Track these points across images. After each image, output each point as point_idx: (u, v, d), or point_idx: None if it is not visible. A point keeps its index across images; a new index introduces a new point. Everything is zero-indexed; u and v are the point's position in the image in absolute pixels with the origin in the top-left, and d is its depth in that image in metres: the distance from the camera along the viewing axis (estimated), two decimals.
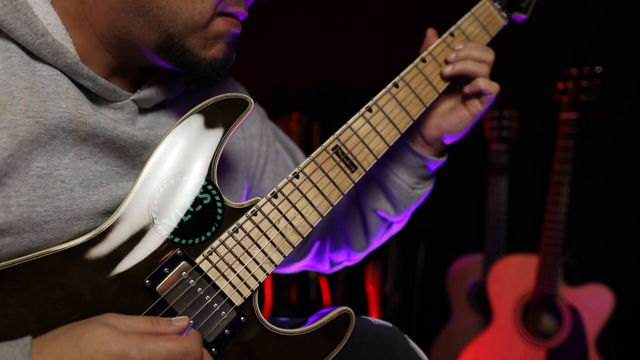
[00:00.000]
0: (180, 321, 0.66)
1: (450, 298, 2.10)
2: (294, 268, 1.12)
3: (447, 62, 0.93)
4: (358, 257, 1.11)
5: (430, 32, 0.97)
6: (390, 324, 0.86)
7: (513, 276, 1.88)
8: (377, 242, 1.10)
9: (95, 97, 0.76)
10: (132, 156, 0.78)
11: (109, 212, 0.74)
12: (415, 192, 1.02)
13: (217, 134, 0.77)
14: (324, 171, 0.81)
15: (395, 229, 1.09)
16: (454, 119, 0.96)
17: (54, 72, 0.71)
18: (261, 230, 0.76)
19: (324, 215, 0.80)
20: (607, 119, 1.96)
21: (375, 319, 0.86)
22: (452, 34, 0.94)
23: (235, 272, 0.74)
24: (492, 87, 0.93)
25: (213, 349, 0.71)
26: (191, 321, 0.67)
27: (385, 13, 2.39)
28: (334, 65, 2.52)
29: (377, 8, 2.41)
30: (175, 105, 0.87)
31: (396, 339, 0.83)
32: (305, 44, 2.59)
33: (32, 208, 0.66)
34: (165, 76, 0.84)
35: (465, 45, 0.93)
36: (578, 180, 1.88)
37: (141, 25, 0.73)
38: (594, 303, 1.77)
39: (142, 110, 0.82)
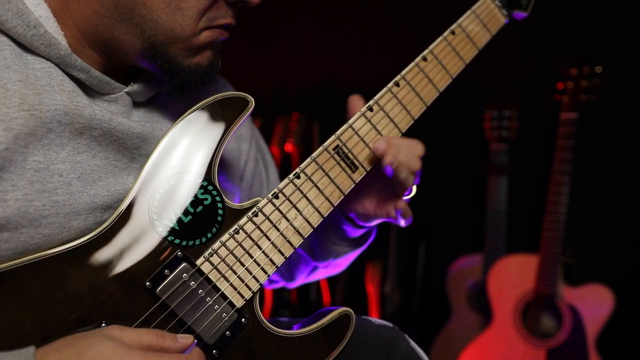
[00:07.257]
0: (185, 339, 0.66)
1: (450, 298, 2.10)
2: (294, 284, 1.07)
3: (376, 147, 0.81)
4: (290, 285, 1.05)
5: (355, 99, 0.87)
6: (390, 324, 0.86)
7: (513, 276, 1.88)
8: (300, 279, 1.04)
9: (88, 90, 0.75)
10: (130, 149, 0.78)
11: (108, 207, 0.74)
12: (335, 248, 0.95)
13: (217, 133, 0.77)
14: (324, 171, 0.80)
15: (320, 274, 1.03)
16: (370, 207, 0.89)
17: (47, 65, 0.70)
18: (262, 232, 0.76)
19: (325, 215, 0.80)
20: (607, 119, 1.96)
21: (375, 319, 0.86)
22: (453, 32, 0.94)
23: (236, 273, 0.74)
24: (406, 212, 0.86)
25: (214, 352, 0.71)
26: (195, 341, 0.68)
27: (385, 13, 2.39)
28: (334, 65, 2.51)
29: (377, 8, 2.41)
30: (169, 99, 0.87)
31: (397, 338, 0.83)
32: (305, 44, 2.59)
33: (30, 202, 0.65)
34: None
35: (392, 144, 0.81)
36: (578, 180, 1.88)
37: (124, 32, 0.73)
38: (594, 303, 1.77)
39: (136, 104, 0.82)
